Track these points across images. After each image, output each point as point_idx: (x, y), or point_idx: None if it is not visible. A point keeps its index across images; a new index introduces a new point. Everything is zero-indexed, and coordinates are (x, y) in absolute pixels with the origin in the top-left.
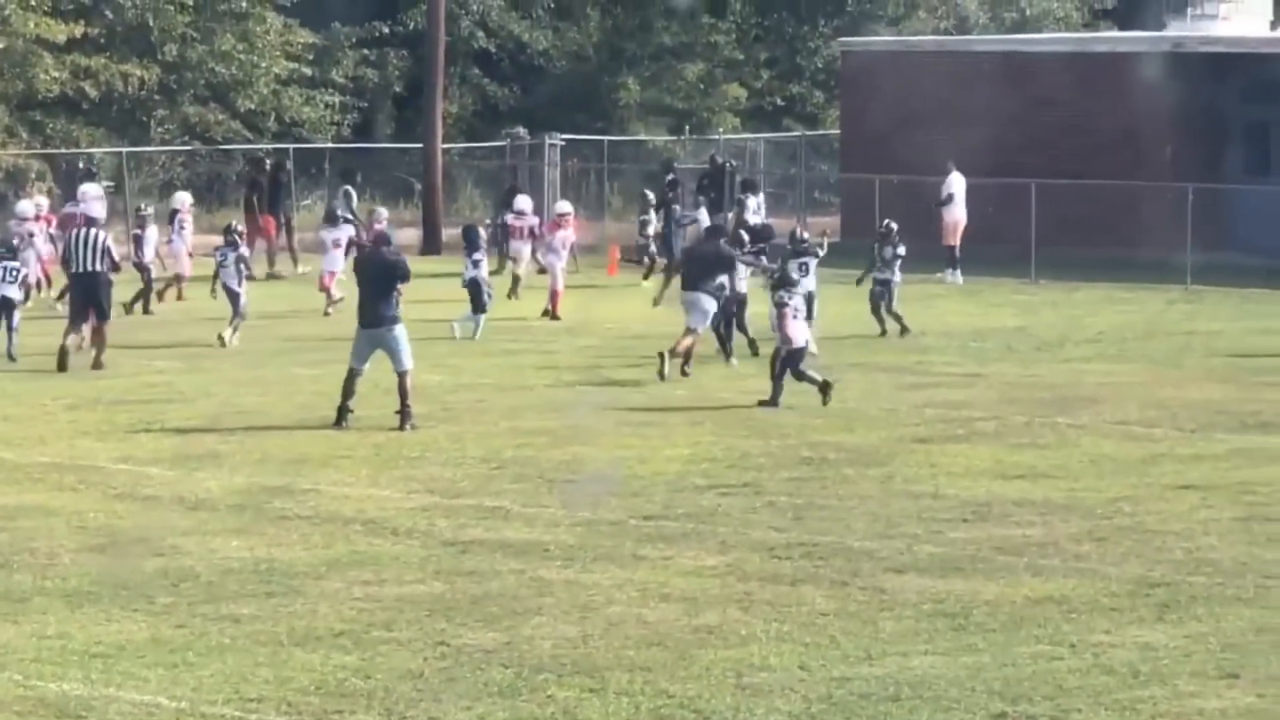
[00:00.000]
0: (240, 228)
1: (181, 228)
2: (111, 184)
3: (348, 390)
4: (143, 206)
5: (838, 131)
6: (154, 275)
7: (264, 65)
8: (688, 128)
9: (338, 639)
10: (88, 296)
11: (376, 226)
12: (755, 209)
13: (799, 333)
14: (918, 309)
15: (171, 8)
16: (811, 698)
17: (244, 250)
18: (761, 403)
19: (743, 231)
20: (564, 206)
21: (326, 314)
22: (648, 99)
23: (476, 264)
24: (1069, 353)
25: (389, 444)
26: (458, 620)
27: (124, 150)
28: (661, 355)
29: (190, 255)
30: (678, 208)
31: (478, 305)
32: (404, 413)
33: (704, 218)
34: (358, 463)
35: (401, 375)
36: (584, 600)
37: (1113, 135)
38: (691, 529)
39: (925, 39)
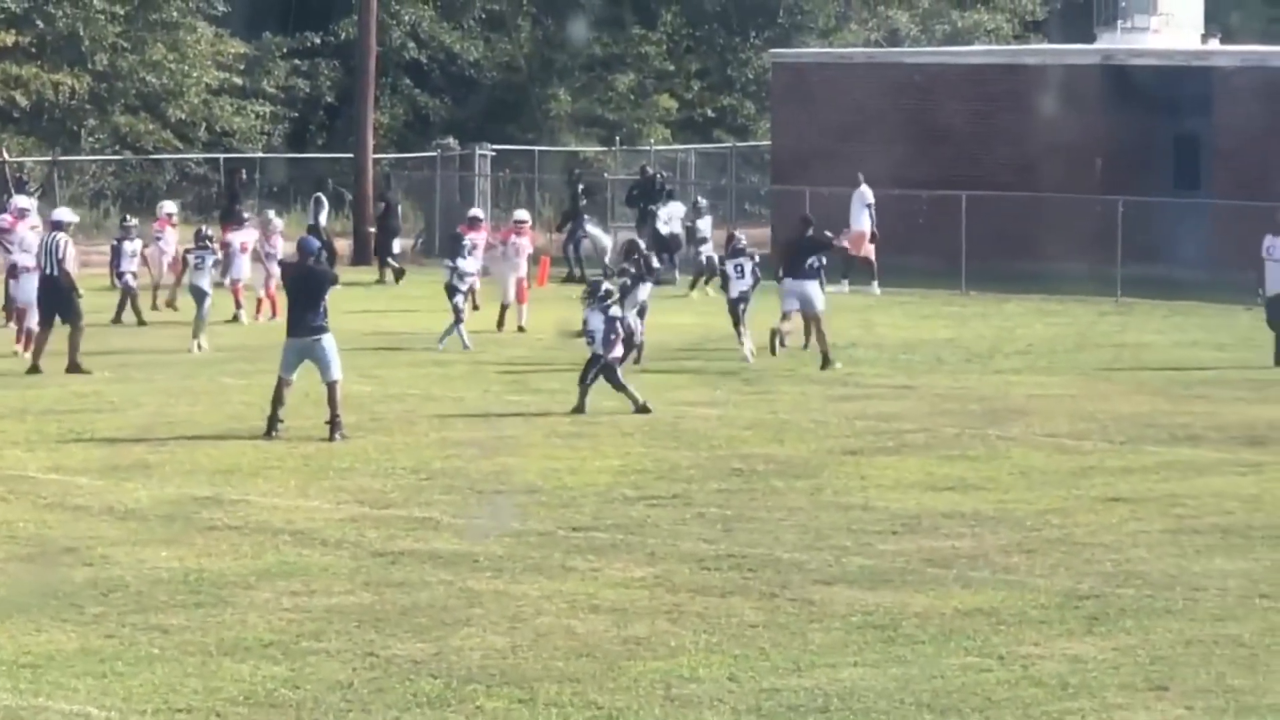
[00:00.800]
0: (210, 232)
1: (158, 237)
2: (39, 189)
3: (277, 400)
4: (127, 217)
5: (768, 143)
6: (138, 285)
7: (195, 75)
8: (618, 139)
9: (267, 649)
10: (51, 299)
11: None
12: (666, 219)
13: (619, 347)
14: (849, 320)
15: (102, 17)
16: (740, 709)
17: (219, 255)
18: (637, 410)
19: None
20: (521, 215)
21: (256, 320)
22: (578, 110)
23: (452, 271)
24: (999, 365)
25: (318, 454)
26: (387, 631)
27: (54, 159)
28: (773, 331)
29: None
30: (586, 217)
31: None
32: (333, 423)
33: (596, 231)
34: (287, 473)
35: (331, 385)
36: (513, 611)
37: (1043, 148)
38: (621, 540)
39: (856, 51)
